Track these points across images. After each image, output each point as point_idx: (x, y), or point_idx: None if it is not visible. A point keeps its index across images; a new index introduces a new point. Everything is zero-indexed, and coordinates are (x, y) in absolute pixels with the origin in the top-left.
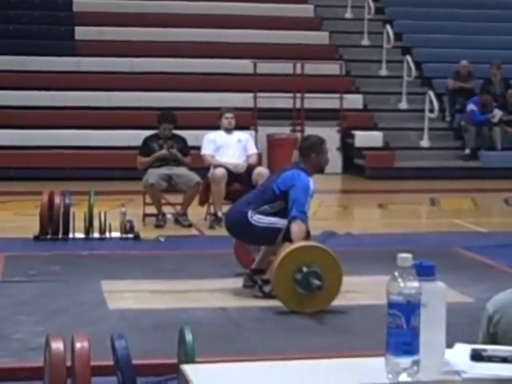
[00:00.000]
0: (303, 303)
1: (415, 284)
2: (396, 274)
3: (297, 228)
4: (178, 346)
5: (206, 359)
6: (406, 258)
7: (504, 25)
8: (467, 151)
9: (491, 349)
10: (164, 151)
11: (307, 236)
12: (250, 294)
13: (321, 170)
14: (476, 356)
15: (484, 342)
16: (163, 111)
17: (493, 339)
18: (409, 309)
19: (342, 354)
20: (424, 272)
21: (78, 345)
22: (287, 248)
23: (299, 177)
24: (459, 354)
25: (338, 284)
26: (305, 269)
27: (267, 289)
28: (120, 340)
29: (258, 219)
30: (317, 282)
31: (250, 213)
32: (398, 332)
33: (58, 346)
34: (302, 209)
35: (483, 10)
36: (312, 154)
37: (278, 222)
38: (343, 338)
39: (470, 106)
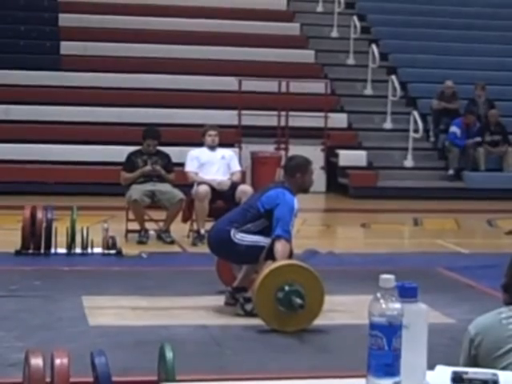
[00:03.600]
0: (285, 322)
1: (397, 305)
2: (378, 295)
3: (281, 247)
4: (158, 363)
5: (186, 377)
6: (388, 279)
7: (489, 46)
8: (451, 172)
9: (472, 371)
10: (148, 167)
11: (290, 256)
12: (231, 312)
13: (305, 190)
14: (457, 379)
15: (465, 364)
16: (148, 127)
17: (474, 361)
18: (390, 330)
19: (323, 374)
20: (406, 293)
21: (57, 361)
22: (269, 266)
23: (284, 196)
24: (440, 377)
25: (320, 303)
26: (287, 287)
27: (249, 307)
28: (100, 356)
29: (241, 237)
30: (299, 301)
31: (232, 231)
32: (380, 353)
33: (37, 362)
34: (287, 228)
35: (468, 31)
36: (297, 174)
37: (261, 240)
38: (325, 358)
39: (453, 129)
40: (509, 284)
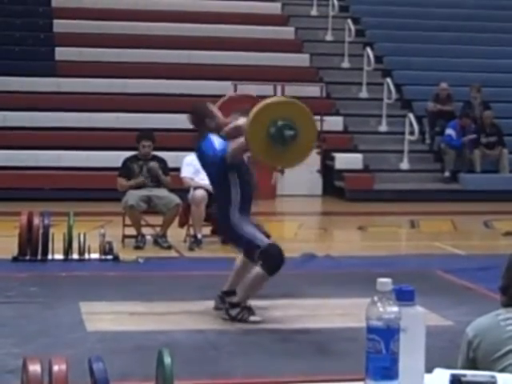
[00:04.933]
0: (276, 157)
1: (394, 309)
2: (375, 298)
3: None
4: (156, 368)
5: (184, 382)
6: (385, 282)
7: (483, 48)
8: (447, 174)
9: (470, 374)
10: (141, 179)
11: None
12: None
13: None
14: (455, 381)
15: (464, 367)
16: (141, 130)
17: (472, 364)
18: (388, 334)
19: (320, 377)
20: (403, 297)
21: (55, 367)
22: (262, 102)
23: (210, 140)
24: (438, 380)
25: (312, 140)
26: (279, 122)
27: (234, 312)
28: (98, 362)
29: (241, 225)
30: (290, 132)
31: (230, 212)
32: (378, 357)
33: (35, 368)
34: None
35: (462, 34)
36: (206, 120)
37: (260, 239)
38: (323, 361)
39: (448, 131)
40: (506, 286)
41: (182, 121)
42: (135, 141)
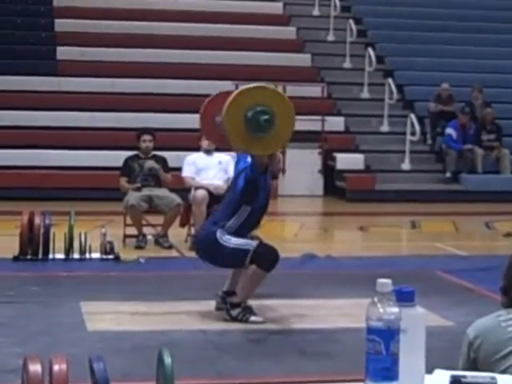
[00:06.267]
0: (252, 143)
1: (395, 310)
2: (375, 299)
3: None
4: (156, 368)
5: (184, 382)
6: (385, 283)
7: (485, 49)
8: (448, 174)
9: (471, 375)
10: (137, 185)
11: None
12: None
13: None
14: (455, 383)
15: (465, 368)
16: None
17: (473, 365)
18: (388, 335)
19: (321, 378)
20: (404, 298)
21: (56, 367)
22: (243, 87)
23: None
24: (439, 381)
25: (288, 131)
26: (258, 108)
27: (235, 313)
28: (98, 362)
29: (228, 239)
30: (265, 117)
31: (219, 232)
32: (378, 358)
33: (35, 368)
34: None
35: (464, 34)
36: None
37: (247, 244)
38: (323, 362)
39: (448, 130)
40: (507, 287)
41: (183, 120)
42: (135, 138)
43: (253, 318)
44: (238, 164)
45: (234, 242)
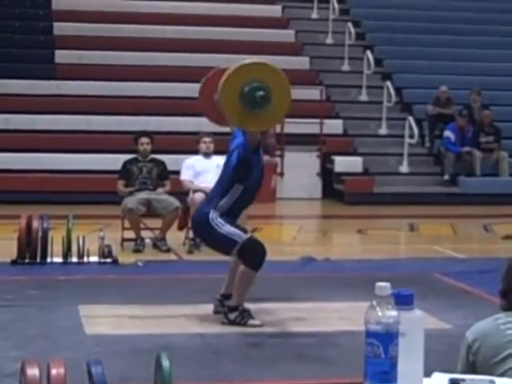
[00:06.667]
0: (247, 120)
1: (393, 313)
2: (374, 302)
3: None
4: (154, 372)
5: None
6: (384, 286)
7: (483, 52)
8: (446, 177)
9: (469, 378)
10: (131, 189)
11: None
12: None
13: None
14: None
15: (463, 371)
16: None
17: (472, 367)
18: (387, 338)
19: (319, 381)
20: (402, 301)
21: (53, 371)
22: (239, 63)
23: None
24: None
25: (284, 109)
26: (254, 84)
27: (232, 316)
28: (96, 366)
29: (220, 224)
30: (261, 93)
31: (211, 213)
32: (376, 361)
33: (33, 372)
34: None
35: (462, 37)
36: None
37: (237, 235)
38: (321, 365)
39: (446, 133)
40: (506, 289)
41: (181, 124)
42: (133, 141)
43: (251, 322)
44: (233, 140)
45: (226, 229)
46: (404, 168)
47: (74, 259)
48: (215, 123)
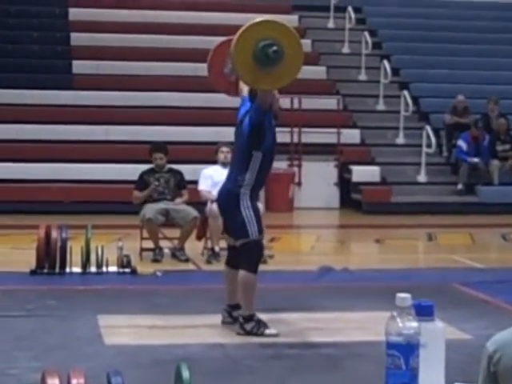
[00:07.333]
0: (260, 77)
1: (414, 324)
2: (395, 313)
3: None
4: (174, 382)
5: None
6: (404, 298)
7: (500, 60)
8: (459, 186)
9: None
10: (152, 186)
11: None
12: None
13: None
14: None
15: (485, 381)
16: (154, 143)
17: (493, 378)
18: (408, 349)
19: None
20: (423, 312)
21: (74, 381)
22: (251, 21)
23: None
24: None
25: (297, 68)
26: (267, 41)
27: (249, 326)
28: (116, 376)
29: (247, 206)
30: (274, 48)
31: (242, 193)
32: (397, 373)
33: (54, 382)
34: None
35: (479, 46)
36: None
37: (255, 229)
38: (341, 376)
39: (459, 142)
40: None
41: (199, 133)
42: (148, 154)
43: (268, 332)
44: (240, 110)
45: (248, 214)
46: (422, 177)
47: (93, 269)
48: (225, 93)
